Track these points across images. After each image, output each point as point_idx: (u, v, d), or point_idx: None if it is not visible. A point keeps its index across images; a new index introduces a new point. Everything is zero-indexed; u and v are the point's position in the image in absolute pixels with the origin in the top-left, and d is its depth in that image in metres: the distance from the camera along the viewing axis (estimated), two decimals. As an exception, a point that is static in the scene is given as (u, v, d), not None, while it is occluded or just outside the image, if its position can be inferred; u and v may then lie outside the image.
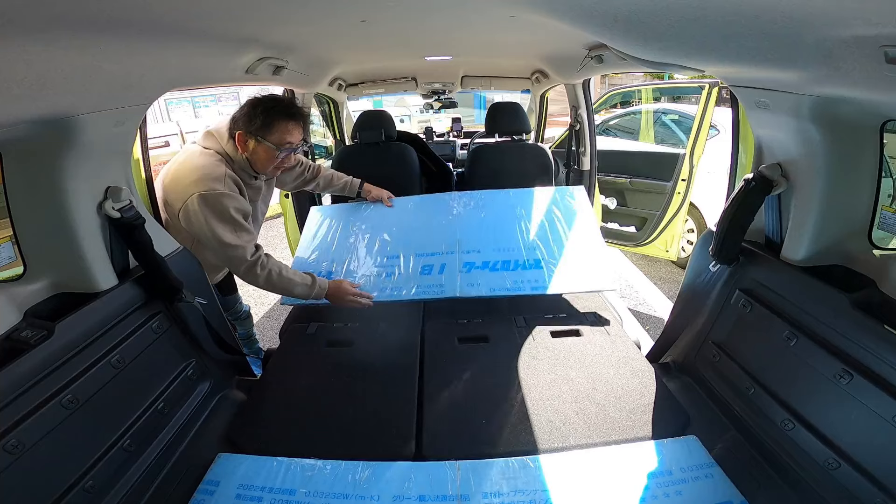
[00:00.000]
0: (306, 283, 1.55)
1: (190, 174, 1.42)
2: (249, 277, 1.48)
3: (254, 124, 1.43)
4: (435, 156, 3.15)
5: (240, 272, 1.48)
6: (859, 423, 0.95)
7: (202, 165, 1.43)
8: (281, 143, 1.46)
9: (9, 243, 1.15)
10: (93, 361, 1.11)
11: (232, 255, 1.43)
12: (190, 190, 1.39)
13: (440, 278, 1.69)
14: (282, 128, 1.46)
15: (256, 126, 1.43)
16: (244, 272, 1.47)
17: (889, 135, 1.07)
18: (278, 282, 1.50)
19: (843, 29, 0.71)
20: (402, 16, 1.36)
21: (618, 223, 3.56)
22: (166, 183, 1.50)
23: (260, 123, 1.43)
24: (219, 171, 1.43)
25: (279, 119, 1.44)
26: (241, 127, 1.45)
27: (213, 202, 1.38)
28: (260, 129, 1.43)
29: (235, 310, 2.09)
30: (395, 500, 1.04)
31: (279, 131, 1.45)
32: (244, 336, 2.14)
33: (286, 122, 1.46)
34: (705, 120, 3.00)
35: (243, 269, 1.46)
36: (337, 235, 1.94)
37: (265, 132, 1.44)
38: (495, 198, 2.03)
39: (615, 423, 1.23)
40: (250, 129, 1.44)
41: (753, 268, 1.31)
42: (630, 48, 1.10)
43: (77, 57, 0.89)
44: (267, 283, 1.49)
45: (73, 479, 0.99)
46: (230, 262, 1.47)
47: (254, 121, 1.43)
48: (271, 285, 1.51)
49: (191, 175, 1.42)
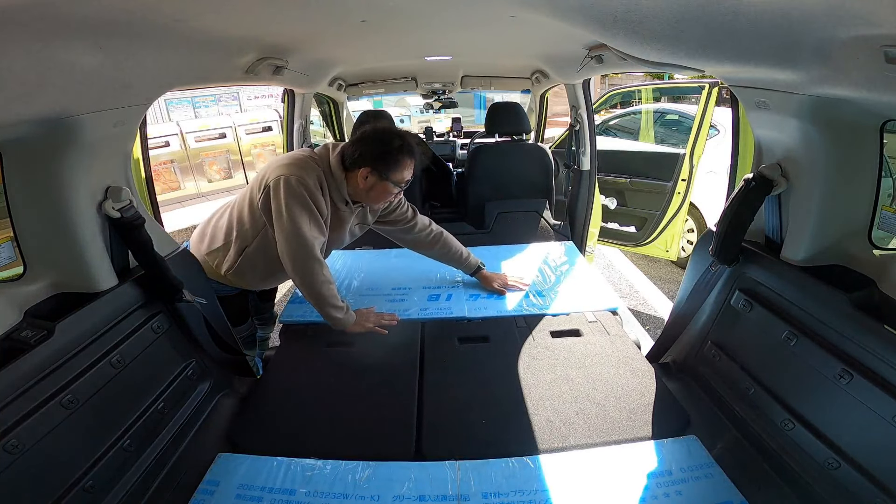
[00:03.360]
0: (342, 305, 1.54)
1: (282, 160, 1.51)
2: (306, 274, 1.46)
3: (379, 158, 1.47)
4: (435, 156, 3.16)
5: (297, 265, 1.45)
6: (859, 423, 0.95)
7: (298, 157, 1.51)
8: (401, 181, 1.53)
9: (9, 243, 1.15)
10: (93, 361, 1.11)
11: (301, 244, 1.43)
12: (277, 172, 1.44)
13: (448, 304, 1.80)
14: (407, 165, 1.52)
15: (385, 162, 1.48)
16: (302, 265, 1.45)
17: (889, 135, 1.07)
18: (323, 290, 1.49)
19: (843, 29, 0.71)
20: (402, 16, 1.36)
21: (618, 223, 3.56)
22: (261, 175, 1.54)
23: (389, 160, 1.48)
24: (311, 166, 1.48)
25: (405, 157, 1.50)
26: (369, 163, 1.48)
27: (296, 185, 1.42)
28: (388, 166, 1.48)
29: (266, 316, 2.10)
30: (395, 500, 1.04)
31: (405, 170, 1.52)
32: (262, 338, 2.14)
33: (410, 160, 1.52)
34: (705, 120, 3.00)
35: (306, 261, 1.44)
36: (342, 273, 2.06)
37: (392, 170, 1.49)
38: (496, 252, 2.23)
39: (615, 423, 1.23)
40: (376, 166, 1.48)
41: (753, 268, 1.31)
42: (630, 48, 1.10)
43: (77, 57, 0.89)
44: (314, 286, 1.48)
45: (73, 479, 0.99)
46: (297, 250, 1.44)
47: (378, 153, 1.47)
48: (316, 292, 1.49)
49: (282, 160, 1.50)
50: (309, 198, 1.44)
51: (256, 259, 1.58)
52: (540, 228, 2.56)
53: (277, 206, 1.43)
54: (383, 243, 2.26)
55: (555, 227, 2.56)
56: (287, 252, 1.45)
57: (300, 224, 1.42)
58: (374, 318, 1.60)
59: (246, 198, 1.58)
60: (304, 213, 1.43)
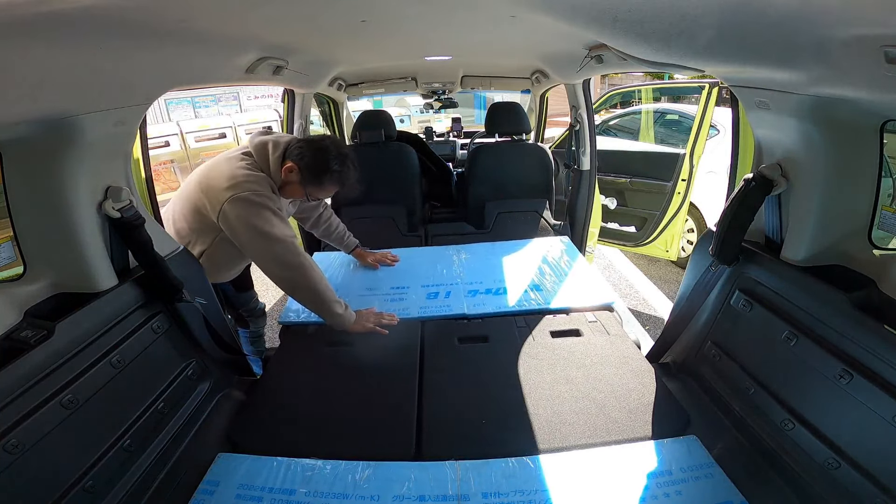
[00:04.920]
0: (341, 302, 1.55)
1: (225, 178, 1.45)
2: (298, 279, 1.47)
3: (310, 167, 1.49)
4: (435, 156, 3.16)
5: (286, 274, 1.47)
6: (859, 423, 0.95)
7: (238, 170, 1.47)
8: (314, 196, 1.58)
9: (9, 243, 1.15)
10: (93, 361, 1.11)
11: (282, 251, 1.43)
12: (228, 194, 1.41)
13: (447, 301, 1.80)
14: (330, 189, 1.56)
15: (312, 172, 1.49)
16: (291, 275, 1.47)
17: (889, 135, 1.07)
18: (320, 288, 1.49)
19: (843, 29, 0.71)
20: (402, 16, 1.36)
21: (618, 223, 3.56)
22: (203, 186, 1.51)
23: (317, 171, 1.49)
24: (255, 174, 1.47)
25: (332, 183, 1.53)
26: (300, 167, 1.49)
27: (253, 199, 1.41)
28: (314, 176, 1.50)
29: (250, 307, 2.10)
30: (395, 500, 1.04)
31: (326, 191, 1.57)
32: (255, 334, 2.14)
33: (334, 188, 1.56)
34: (705, 120, 3.00)
35: (293, 267, 1.45)
36: (342, 276, 2.07)
37: (316, 183, 1.52)
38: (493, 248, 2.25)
39: (615, 423, 1.23)
40: (305, 169, 1.49)
41: (753, 268, 1.31)
42: (630, 48, 1.10)
43: (77, 57, 0.89)
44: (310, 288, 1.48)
45: (73, 479, 0.99)
46: (278, 258, 1.44)
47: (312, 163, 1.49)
48: (313, 292, 1.49)
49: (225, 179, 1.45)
50: (271, 204, 1.44)
51: (218, 256, 1.60)
52: (540, 228, 2.56)
53: (242, 227, 1.41)
54: (381, 244, 2.27)
55: (555, 227, 2.57)
56: (272, 261, 1.45)
57: (272, 234, 1.42)
58: (374, 318, 1.61)
59: (194, 204, 1.54)
60: (270, 221, 1.42)
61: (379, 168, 2.59)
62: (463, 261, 2.13)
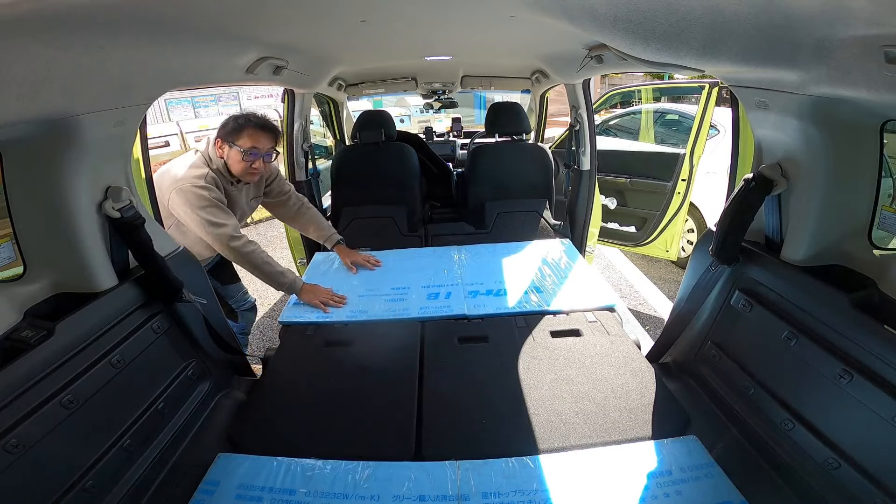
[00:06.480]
0: (285, 271, 1.75)
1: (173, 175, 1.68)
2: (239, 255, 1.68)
3: (226, 129, 1.69)
4: (435, 156, 3.16)
5: (227, 247, 1.67)
6: (859, 423, 0.95)
7: (185, 165, 1.70)
8: (248, 147, 1.68)
9: (9, 243, 1.15)
10: (93, 361, 1.11)
11: (220, 233, 1.64)
12: (173, 186, 1.63)
13: (447, 302, 1.81)
14: (249, 133, 1.68)
15: (227, 131, 1.68)
16: (233, 250, 1.67)
17: (889, 135, 1.07)
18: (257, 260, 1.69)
19: (843, 29, 0.70)
20: (402, 16, 1.36)
21: (618, 223, 3.56)
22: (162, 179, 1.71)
23: (230, 129, 1.68)
24: (200, 171, 1.67)
25: (248, 126, 1.69)
26: (218, 134, 1.71)
27: (189, 192, 1.62)
28: (230, 133, 1.68)
29: (238, 299, 2.14)
30: (395, 500, 1.04)
31: (247, 137, 1.68)
32: (240, 331, 2.15)
33: (254, 130, 1.69)
34: (705, 120, 3.00)
35: (230, 243, 1.65)
36: (342, 276, 2.07)
37: (235, 137, 1.68)
38: (494, 249, 2.26)
39: (615, 424, 1.23)
40: (223, 135, 1.69)
41: (753, 268, 1.31)
42: (630, 48, 1.09)
43: (77, 57, 0.89)
44: (249, 260, 1.69)
45: (73, 479, 0.99)
46: (218, 238, 1.65)
47: (226, 127, 1.70)
48: (252, 263, 1.69)
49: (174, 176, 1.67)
50: (207, 194, 1.63)
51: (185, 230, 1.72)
52: (540, 228, 2.56)
53: (185, 216, 1.64)
54: (381, 244, 2.27)
55: (555, 227, 2.57)
56: (218, 246, 1.67)
57: (211, 219, 1.63)
58: (323, 296, 1.79)
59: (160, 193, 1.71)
60: (207, 209, 1.63)
61: (379, 168, 2.59)
62: (463, 262, 2.13)
